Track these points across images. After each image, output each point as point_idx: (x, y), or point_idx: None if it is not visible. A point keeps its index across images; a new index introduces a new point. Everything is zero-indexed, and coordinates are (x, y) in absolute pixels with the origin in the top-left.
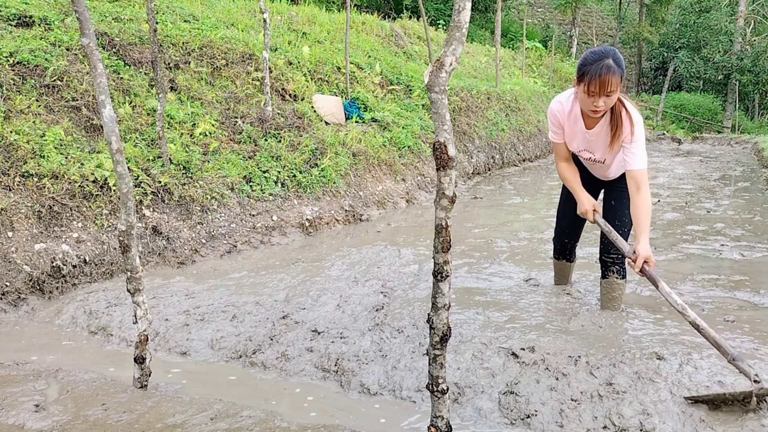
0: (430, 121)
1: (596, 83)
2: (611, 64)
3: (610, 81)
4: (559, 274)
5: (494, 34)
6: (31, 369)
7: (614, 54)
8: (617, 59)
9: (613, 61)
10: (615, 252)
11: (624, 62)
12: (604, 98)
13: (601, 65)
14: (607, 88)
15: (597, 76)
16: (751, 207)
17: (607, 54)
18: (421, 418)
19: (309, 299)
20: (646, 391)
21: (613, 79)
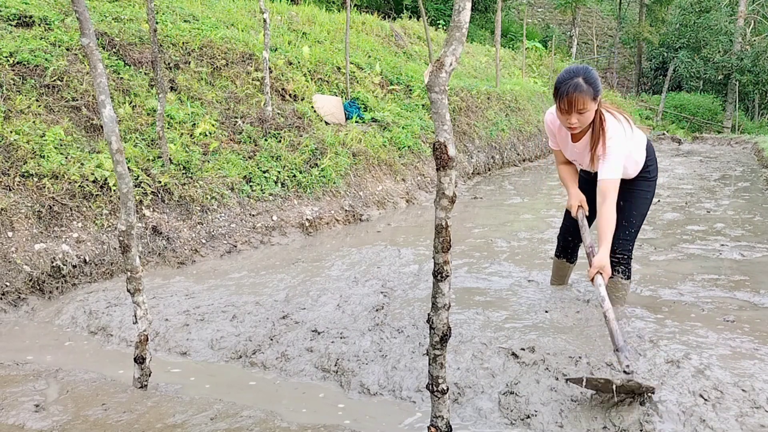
0: (430, 121)
1: (565, 101)
2: (580, 83)
3: (578, 99)
4: (556, 273)
5: (494, 34)
6: (31, 369)
7: (585, 73)
8: (588, 78)
9: (584, 80)
10: (620, 252)
11: (598, 79)
12: (576, 115)
13: (570, 84)
14: (576, 106)
15: (566, 95)
16: (751, 207)
17: (578, 73)
18: (421, 418)
19: (309, 299)
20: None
21: (581, 97)
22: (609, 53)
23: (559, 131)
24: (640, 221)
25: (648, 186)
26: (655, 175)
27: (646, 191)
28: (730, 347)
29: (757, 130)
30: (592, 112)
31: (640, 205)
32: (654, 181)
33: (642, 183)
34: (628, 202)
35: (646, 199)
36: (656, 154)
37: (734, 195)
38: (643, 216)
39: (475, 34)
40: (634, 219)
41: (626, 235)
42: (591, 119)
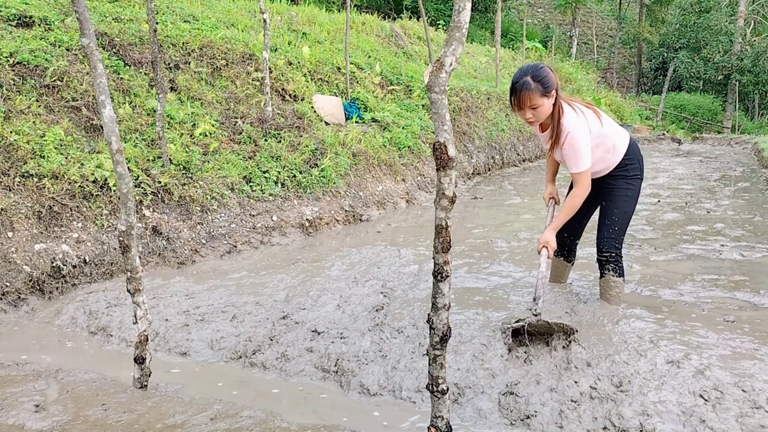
0: (430, 122)
1: (515, 99)
2: (528, 81)
3: (527, 97)
4: (554, 271)
5: (494, 35)
6: (31, 369)
7: (534, 71)
8: (536, 75)
9: (532, 78)
10: (606, 251)
11: (548, 76)
12: (530, 111)
13: (520, 83)
14: (525, 103)
15: (515, 93)
16: (751, 207)
17: (527, 72)
18: (420, 418)
19: (309, 299)
20: (646, 391)
21: (529, 95)
22: (609, 53)
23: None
24: (624, 219)
25: (627, 185)
26: (636, 174)
27: (626, 189)
28: (730, 347)
29: (757, 130)
30: (547, 107)
31: (620, 203)
32: (636, 180)
33: (621, 182)
34: (608, 201)
35: (627, 197)
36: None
37: (734, 195)
38: (626, 214)
39: (475, 34)
40: (616, 217)
41: (609, 233)
42: (548, 113)
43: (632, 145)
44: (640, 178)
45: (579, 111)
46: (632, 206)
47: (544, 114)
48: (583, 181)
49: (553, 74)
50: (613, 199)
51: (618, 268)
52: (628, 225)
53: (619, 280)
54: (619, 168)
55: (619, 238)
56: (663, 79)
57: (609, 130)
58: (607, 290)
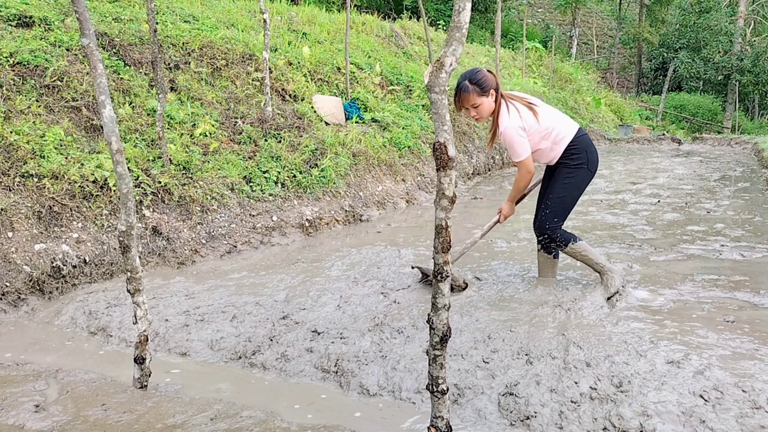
0: (430, 122)
1: (456, 100)
2: (466, 85)
3: (465, 98)
4: (541, 267)
5: (494, 35)
6: (31, 369)
7: (471, 75)
8: (473, 78)
9: (469, 82)
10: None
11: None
12: (472, 110)
13: (459, 86)
14: (465, 104)
15: (456, 95)
16: (751, 207)
17: (465, 76)
18: (420, 419)
19: (309, 300)
20: (646, 392)
21: (467, 96)
22: (609, 53)
23: None
24: (557, 205)
25: (569, 172)
26: (580, 164)
27: (566, 176)
28: (730, 347)
29: (757, 131)
30: (487, 105)
31: (557, 188)
32: (578, 170)
33: (563, 170)
34: (549, 188)
35: (565, 184)
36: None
37: (734, 195)
38: (561, 199)
39: (475, 34)
40: (549, 201)
41: (542, 216)
42: (490, 110)
43: (580, 137)
44: (584, 169)
45: (514, 109)
46: (570, 193)
47: (487, 111)
48: (521, 167)
49: (490, 76)
50: (552, 185)
51: (560, 242)
52: (564, 211)
53: (569, 247)
54: (563, 157)
55: (550, 219)
56: (663, 79)
57: (550, 125)
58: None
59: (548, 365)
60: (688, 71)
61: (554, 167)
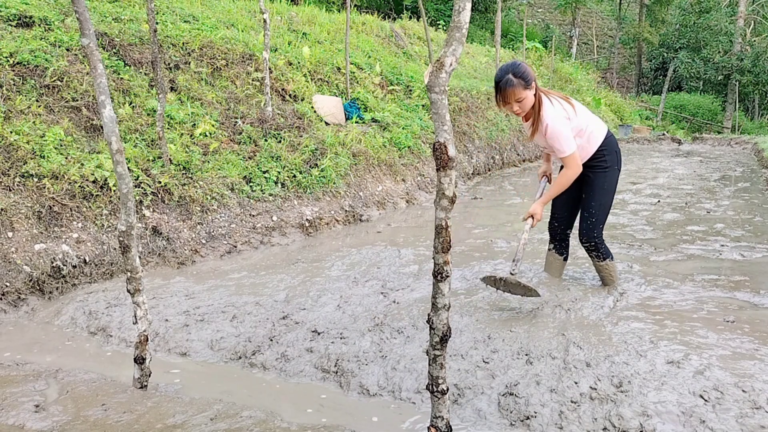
0: (430, 122)
1: (500, 96)
2: (510, 78)
3: (511, 92)
4: (549, 266)
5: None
6: (31, 369)
7: (514, 68)
8: (516, 71)
9: (513, 75)
10: (586, 241)
11: (527, 71)
12: (516, 105)
13: (503, 80)
14: (510, 98)
15: (501, 90)
16: (751, 207)
17: (508, 70)
18: (420, 419)
19: (309, 300)
20: (646, 392)
21: (512, 90)
22: (609, 53)
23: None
24: (601, 211)
25: (605, 177)
26: (611, 165)
27: (603, 181)
28: (731, 348)
29: (757, 131)
30: (530, 99)
31: (598, 195)
32: (612, 171)
33: (599, 174)
34: (587, 193)
35: (604, 189)
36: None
37: (734, 195)
38: (604, 206)
39: (475, 34)
40: (594, 209)
41: (588, 224)
42: (531, 103)
43: (609, 137)
44: (617, 169)
45: (556, 102)
46: (609, 198)
47: (529, 105)
48: (571, 163)
49: (530, 68)
50: (591, 192)
51: (601, 254)
52: (606, 215)
53: (607, 262)
54: (595, 158)
55: (596, 228)
56: (663, 79)
57: (584, 121)
58: (599, 272)
59: (548, 365)
60: (688, 71)
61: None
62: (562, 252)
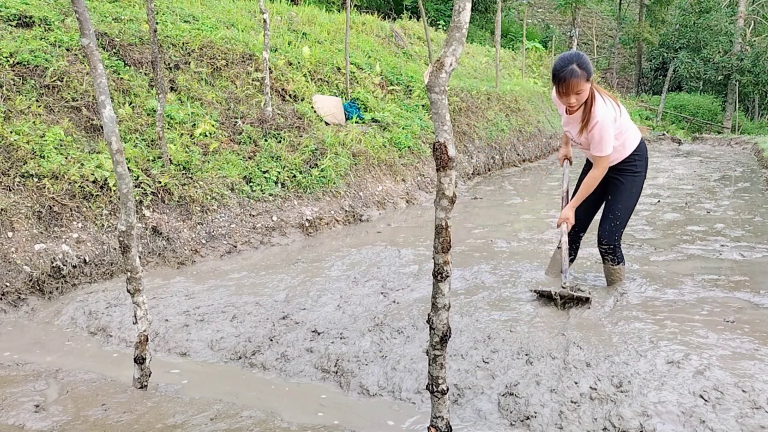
0: (430, 122)
1: (564, 86)
2: (575, 69)
3: (574, 83)
4: (552, 263)
5: (494, 35)
6: (31, 369)
7: (578, 58)
8: (581, 62)
9: (577, 65)
10: (606, 243)
11: (589, 62)
12: (574, 96)
13: (566, 71)
14: (573, 89)
15: (564, 81)
16: (751, 207)
17: (572, 60)
18: (420, 419)
19: (309, 300)
20: (646, 392)
21: (576, 81)
22: (609, 53)
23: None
24: (626, 215)
25: (634, 181)
26: (641, 171)
27: (632, 186)
28: (731, 348)
29: (757, 131)
30: (587, 91)
31: (625, 199)
32: (640, 177)
33: (628, 177)
34: (614, 196)
35: (632, 193)
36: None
37: (734, 195)
38: (628, 209)
39: (475, 34)
40: (620, 212)
41: (612, 227)
42: (586, 97)
43: (642, 144)
44: (644, 176)
45: (607, 100)
46: (634, 202)
47: (584, 99)
48: (602, 164)
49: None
50: (618, 195)
51: (616, 257)
52: (628, 219)
53: (620, 266)
54: (626, 162)
55: (618, 231)
56: (663, 79)
57: (625, 125)
58: (609, 275)
59: (548, 365)
60: (688, 71)
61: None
62: (571, 253)
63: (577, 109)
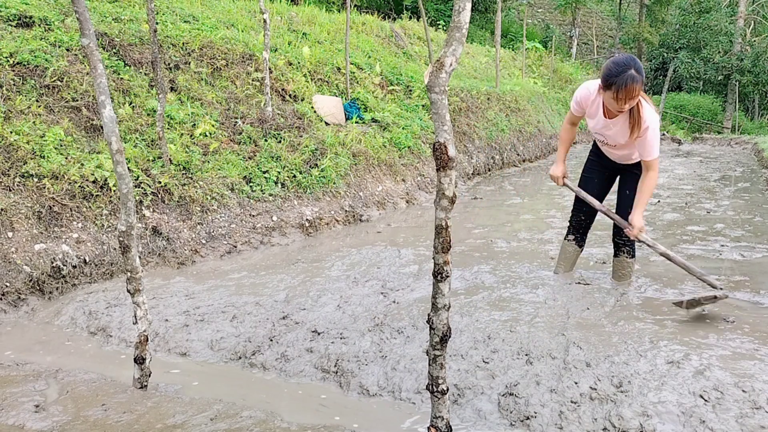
0: (430, 122)
1: (623, 92)
2: (634, 75)
3: (636, 89)
4: (564, 257)
5: (494, 35)
6: (31, 369)
7: (634, 63)
8: (638, 68)
9: (635, 70)
10: (626, 236)
11: (642, 67)
12: (629, 101)
13: (626, 76)
14: (633, 95)
15: (624, 86)
16: (751, 207)
17: (629, 64)
18: (420, 419)
19: (309, 300)
20: (646, 392)
21: (636, 86)
22: (609, 53)
23: (591, 105)
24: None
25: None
26: None
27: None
28: (731, 348)
29: (757, 131)
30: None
31: None
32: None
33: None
34: (632, 191)
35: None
36: None
37: (734, 195)
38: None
39: (475, 34)
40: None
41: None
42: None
43: None
44: None
45: (650, 103)
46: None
47: (634, 102)
48: (655, 166)
49: None
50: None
51: (632, 251)
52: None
53: (632, 261)
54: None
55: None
56: (663, 79)
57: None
58: (621, 269)
59: (548, 365)
60: (688, 71)
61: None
62: (581, 243)
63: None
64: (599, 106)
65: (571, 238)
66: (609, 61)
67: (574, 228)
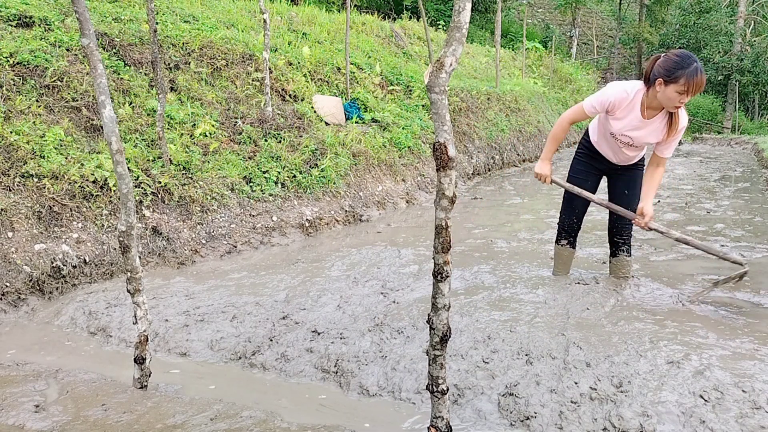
0: (430, 122)
1: (693, 84)
2: (701, 67)
3: (703, 81)
4: (559, 260)
5: (494, 35)
6: (31, 369)
7: (695, 58)
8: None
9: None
10: (626, 235)
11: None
12: (694, 94)
13: (696, 68)
14: (701, 87)
15: (694, 78)
16: (751, 208)
17: (694, 58)
18: (420, 419)
19: (309, 300)
20: (646, 392)
21: (704, 78)
22: (609, 53)
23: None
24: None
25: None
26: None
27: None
28: (731, 348)
29: (757, 131)
30: None
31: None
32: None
33: (640, 172)
34: (631, 190)
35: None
36: None
37: (734, 195)
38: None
39: (475, 34)
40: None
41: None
42: None
43: None
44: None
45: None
46: None
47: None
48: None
49: None
50: (635, 189)
51: (630, 249)
52: None
53: (631, 259)
54: (642, 160)
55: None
56: None
57: None
58: (621, 269)
59: (548, 365)
60: None
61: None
62: (575, 245)
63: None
64: (634, 107)
65: (564, 242)
66: (670, 54)
67: (566, 232)
